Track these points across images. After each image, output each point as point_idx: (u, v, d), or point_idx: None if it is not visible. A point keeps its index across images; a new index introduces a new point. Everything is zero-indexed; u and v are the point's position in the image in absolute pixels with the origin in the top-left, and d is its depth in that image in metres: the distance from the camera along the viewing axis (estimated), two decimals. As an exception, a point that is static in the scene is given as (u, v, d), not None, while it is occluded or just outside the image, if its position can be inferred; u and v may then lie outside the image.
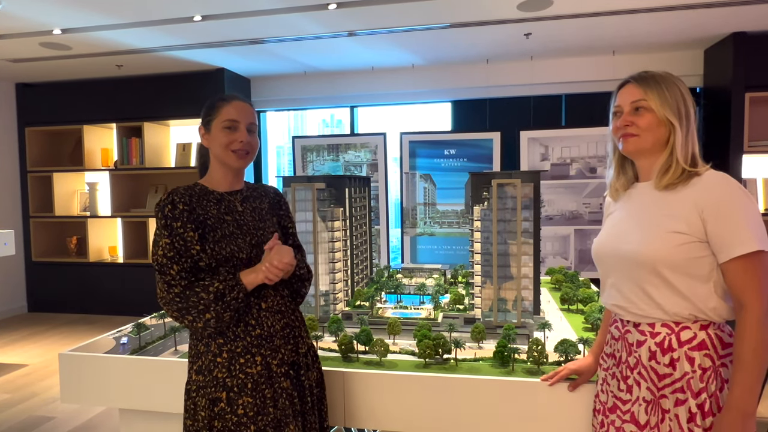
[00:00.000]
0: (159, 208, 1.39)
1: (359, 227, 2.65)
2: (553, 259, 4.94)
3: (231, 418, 1.36)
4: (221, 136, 1.45)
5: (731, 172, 4.33)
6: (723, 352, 1.25)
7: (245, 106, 1.49)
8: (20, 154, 5.91)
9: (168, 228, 1.37)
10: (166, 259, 1.36)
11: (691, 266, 1.24)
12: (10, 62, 4.95)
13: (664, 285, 1.26)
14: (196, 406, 1.39)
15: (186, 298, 1.34)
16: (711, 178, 1.26)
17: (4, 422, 3.21)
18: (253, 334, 1.41)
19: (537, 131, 4.97)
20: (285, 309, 1.49)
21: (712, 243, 1.23)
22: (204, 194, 1.46)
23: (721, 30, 4.27)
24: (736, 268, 1.20)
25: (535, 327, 1.98)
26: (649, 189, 1.35)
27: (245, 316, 1.41)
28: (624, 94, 1.36)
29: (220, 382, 1.37)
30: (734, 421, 1.17)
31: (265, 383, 1.39)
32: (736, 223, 1.20)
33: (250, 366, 1.39)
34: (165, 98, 5.50)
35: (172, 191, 1.42)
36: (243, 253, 1.41)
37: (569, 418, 1.55)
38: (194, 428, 1.39)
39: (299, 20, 3.88)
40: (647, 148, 1.33)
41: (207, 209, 1.43)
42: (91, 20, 3.84)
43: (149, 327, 2.19)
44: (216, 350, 1.39)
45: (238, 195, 1.51)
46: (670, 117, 1.29)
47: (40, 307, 5.98)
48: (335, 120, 7.33)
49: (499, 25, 4.05)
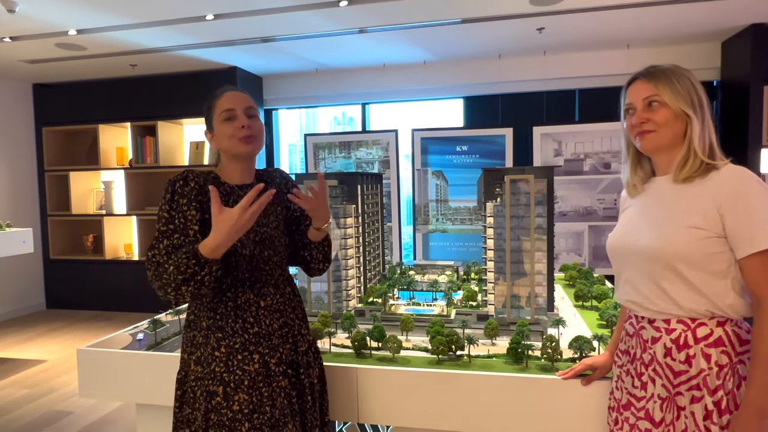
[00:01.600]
0: (170, 183, 1.37)
1: (371, 224, 2.65)
2: (566, 256, 4.90)
3: (226, 413, 1.36)
4: (223, 129, 1.44)
5: (749, 167, 4.23)
6: (741, 348, 1.22)
7: (237, 93, 1.48)
8: (38, 153, 6.01)
9: (173, 202, 1.35)
10: (158, 233, 1.33)
11: (708, 262, 1.22)
12: (27, 63, 5.03)
13: (680, 281, 1.24)
14: (194, 396, 1.39)
15: (159, 274, 1.28)
16: (729, 172, 1.24)
17: (23, 417, 3.28)
18: (251, 332, 1.41)
19: (550, 127, 4.93)
20: (284, 308, 1.49)
21: (730, 238, 1.21)
22: (216, 184, 1.45)
23: (739, 22, 4.19)
24: (754, 264, 1.18)
25: (548, 324, 1.96)
26: (666, 183, 1.33)
27: (243, 314, 1.41)
28: (634, 92, 1.33)
29: (217, 375, 1.37)
30: (750, 420, 1.15)
31: (263, 381, 1.39)
32: (754, 218, 1.18)
33: (248, 363, 1.39)
34: (178, 97, 5.55)
35: (187, 170, 1.41)
36: (246, 249, 1.41)
37: (583, 415, 1.54)
38: (191, 417, 1.39)
39: (310, 18, 3.88)
40: (666, 143, 1.31)
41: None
42: (105, 21, 3.89)
43: (165, 323, 2.22)
44: (215, 344, 1.39)
45: (247, 189, 1.50)
46: (685, 108, 1.27)
47: (58, 304, 6.09)
48: (347, 117, 7.35)
49: (511, 19, 4.01)
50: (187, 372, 1.43)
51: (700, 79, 1.34)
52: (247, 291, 1.42)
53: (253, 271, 1.43)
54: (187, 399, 1.42)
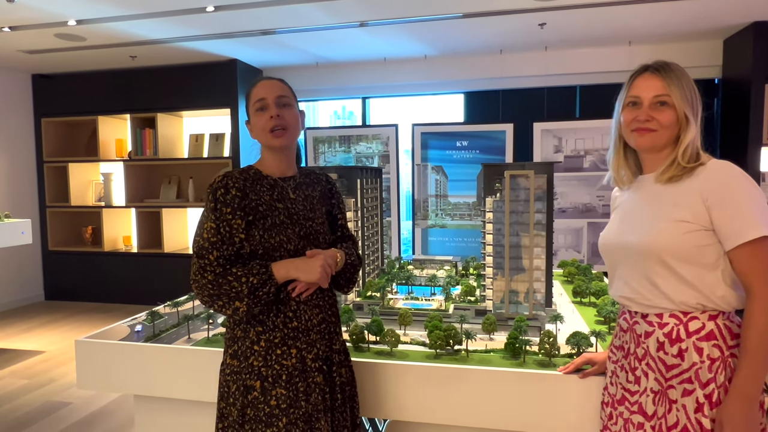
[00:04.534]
0: (211, 191, 1.36)
1: (371, 218, 2.65)
2: (565, 252, 4.90)
3: (263, 408, 1.35)
4: (257, 120, 1.44)
5: (749, 165, 4.27)
6: (732, 342, 1.24)
7: (271, 82, 1.45)
8: (37, 144, 6.00)
9: (216, 212, 1.34)
10: (208, 243, 1.33)
11: (697, 255, 1.23)
12: (26, 53, 5.01)
13: (671, 274, 1.25)
14: (228, 390, 1.39)
15: (219, 285, 1.31)
16: (714, 166, 1.25)
17: (21, 407, 3.29)
18: (290, 326, 1.39)
19: (550, 123, 4.92)
20: (323, 304, 1.48)
21: (717, 231, 1.22)
22: (258, 179, 1.43)
23: (741, 19, 4.18)
24: (742, 255, 1.20)
25: (546, 319, 1.97)
26: (653, 180, 1.34)
27: (284, 308, 1.40)
28: (644, 85, 1.31)
29: (255, 370, 1.37)
30: (738, 406, 1.16)
31: (299, 376, 1.38)
32: (740, 209, 1.19)
33: (286, 358, 1.38)
34: (178, 89, 5.54)
35: (227, 174, 1.39)
36: (291, 244, 1.40)
37: (579, 410, 1.55)
38: (227, 411, 1.39)
39: (311, 10, 3.86)
40: (661, 144, 1.31)
41: (260, 194, 1.41)
42: (105, 11, 3.87)
43: (163, 315, 2.22)
44: (254, 337, 1.38)
45: (291, 182, 1.49)
46: (687, 113, 1.28)
47: (57, 296, 6.09)
48: (347, 111, 7.33)
49: (512, 15, 4.00)
50: (224, 366, 1.43)
51: (702, 76, 1.34)
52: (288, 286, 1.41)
53: None
54: (221, 393, 1.41)
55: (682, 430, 1.22)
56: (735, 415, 1.16)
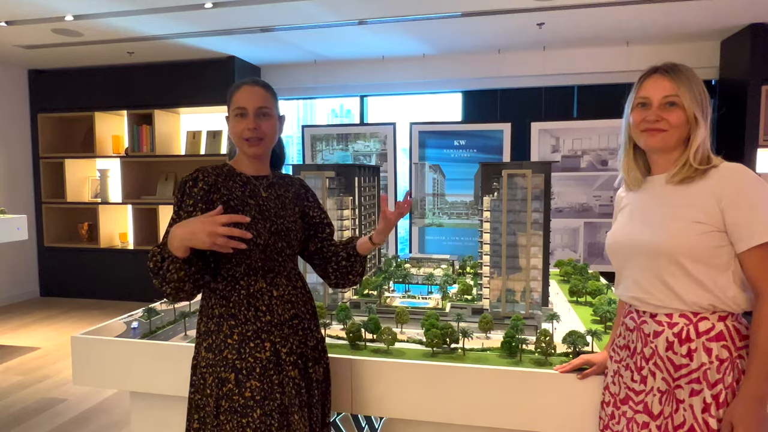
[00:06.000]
0: (181, 183, 1.39)
1: (368, 216, 2.65)
2: (561, 252, 4.92)
3: (238, 399, 1.37)
4: (234, 124, 1.46)
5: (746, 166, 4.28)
6: (740, 344, 1.24)
7: (254, 89, 1.46)
8: (33, 140, 5.97)
9: (180, 202, 1.38)
10: (165, 231, 1.35)
11: (710, 255, 1.24)
12: (23, 48, 4.99)
13: (684, 275, 1.26)
14: (204, 382, 1.40)
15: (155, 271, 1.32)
16: (728, 168, 1.26)
17: (16, 403, 3.28)
18: (263, 320, 1.41)
19: (548, 123, 4.93)
20: (295, 300, 1.49)
21: (730, 233, 1.23)
22: (231, 175, 1.46)
23: (739, 21, 4.19)
24: (754, 258, 1.21)
25: (543, 318, 1.97)
26: (663, 181, 1.34)
27: (255, 302, 1.42)
28: (653, 86, 1.31)
29: (229, 362, 1.38)
30: (749, 407, 1.17)
31: (273, 369, 1.40)
32: (754, 213, 1.20)
33: (260, 351, 1.39)
34: (175, 86, 5.52)
35: (200, 169, 1.42)
36: (261, 238, 1.41)
37: (575, 409, 1.55)
38: (202, 403, 1.40)
39: (310, 8, 3.86)
40: (671, 145, 1.31)
41: (232, 190, 1.43)
42: (102, 7, 3.85)
43: (159, 312, 2.21)
44: (227, 331, 1.40)
45: (264, 180, 1.51)
46: (697, 114, 1.28)
47: (52, 292, 6.07)
48: (344, 110, 7.32)
49: (511, 14, 4.00)
50: (199, 359, 1.44)
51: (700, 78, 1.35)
52: (260, 280, 1.43)
53: (267, 260, 1.43)
54: (197, 385, 1.42)
55: (688, 429, 1.23)
56: (747, 416, 1.17)
